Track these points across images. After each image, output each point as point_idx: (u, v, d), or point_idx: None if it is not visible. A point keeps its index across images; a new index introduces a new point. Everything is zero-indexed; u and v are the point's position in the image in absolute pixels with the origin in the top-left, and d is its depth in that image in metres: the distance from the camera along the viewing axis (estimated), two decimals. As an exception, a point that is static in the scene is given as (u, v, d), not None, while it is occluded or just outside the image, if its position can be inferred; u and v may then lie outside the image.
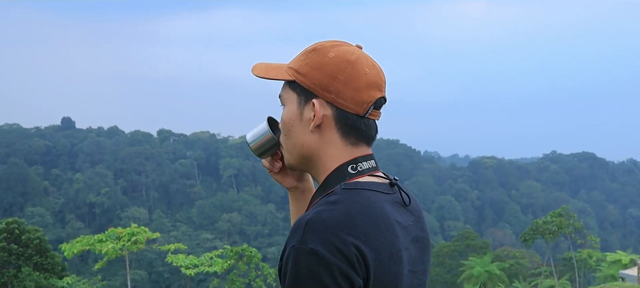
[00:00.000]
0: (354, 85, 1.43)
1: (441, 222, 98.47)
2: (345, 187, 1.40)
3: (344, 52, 1.46)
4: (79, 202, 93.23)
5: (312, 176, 1.57)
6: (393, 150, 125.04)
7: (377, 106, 1.48)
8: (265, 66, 1.56)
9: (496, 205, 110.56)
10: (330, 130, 1.46)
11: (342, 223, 1.30)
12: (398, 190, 1.51)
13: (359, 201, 1.36)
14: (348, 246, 1.27)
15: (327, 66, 1.45)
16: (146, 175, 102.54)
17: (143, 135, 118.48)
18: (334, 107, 1.44)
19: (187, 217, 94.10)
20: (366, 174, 1.46)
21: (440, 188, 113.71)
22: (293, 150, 1.52)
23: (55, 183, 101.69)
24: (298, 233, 1.30)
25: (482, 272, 40.05)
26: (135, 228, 20.00)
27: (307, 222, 1.30)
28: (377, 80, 1.47)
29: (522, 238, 43.64)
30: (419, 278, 1.49)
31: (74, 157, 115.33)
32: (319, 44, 1.50)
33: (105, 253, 19.23)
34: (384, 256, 1.33)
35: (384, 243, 1.34)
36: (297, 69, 1.48)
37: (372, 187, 1.42)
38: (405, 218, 1.48)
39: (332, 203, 1.34)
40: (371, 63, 1.48)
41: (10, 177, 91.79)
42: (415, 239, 1.49)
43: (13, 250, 31.67)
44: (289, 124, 1.50)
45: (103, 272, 37.63)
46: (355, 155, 1.47)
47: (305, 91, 1.46)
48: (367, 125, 1.47)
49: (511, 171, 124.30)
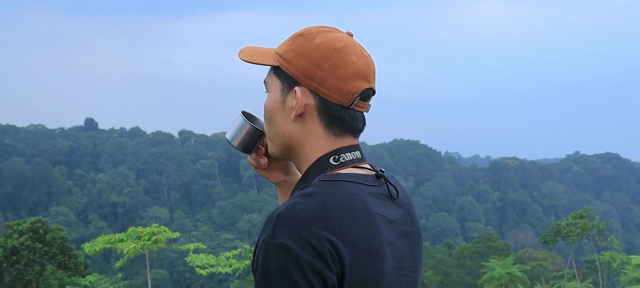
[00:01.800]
0: (339, 74, 1.35)
1: (462, 224, 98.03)
2: (324, 178, 1.32)
3: (331, 38, 1.38)
4: (102, 202, 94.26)
5: (296, 166, 1.49)
6: (413, 151, 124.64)
7: (364, 97, 1.39)
8: (253, 50, 1.50)
9: (518, 206, 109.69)
10: (313, 120, 1.38)
11: (315, 216, 1.23)
12: (385, 182, 1.41)
13: (336, 193, 1.28)
14: (321, 240, 1.20)
15: (311, 53, 1.37)
16: (167, 175, 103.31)
17: (164, 135, 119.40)
18: (317, 96, 1.37)
19: (208, 217, 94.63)
20: (349, 166, 1.38)
21: (461, 190, 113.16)
22: (275, 138, 1.45)
23: (79, 183, 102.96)
24: (269, 227, 1.24)
25: (503, 274, 39.76)
26: (156, 227, 20.19)
27: (279, 216, 1.24)
28: (365, 71, 1.38)
29: (542, 240, 43.25)
30: (407, 275, 1.40)
31: (97, 158, 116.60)
32: (306, 29, 1.42)
33: (126, 252, 19.44)
34: (361, 251, 1.25)
35: (362, 237, 1.26)
36: (282, 54, 1.41)
37: (354, 179, 1.34)
38: (392, 212, 1.39)
39: (308, 196, 1.27)
40: (360, 52, 1.40)
41: (35, 176, 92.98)
42: (403, 234, 1.40)
43: (38, 249, 32.22)
44: (271, 112, 1.43)
45: (124, 270, 38.05)
46: (338, 146, 1.39)
47: (288, 78, 1.39)
48: (353, 116, 1.39)
49: (533, 172, 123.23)
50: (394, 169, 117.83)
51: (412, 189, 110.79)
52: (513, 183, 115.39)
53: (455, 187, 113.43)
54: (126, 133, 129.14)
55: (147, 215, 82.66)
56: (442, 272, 52.53)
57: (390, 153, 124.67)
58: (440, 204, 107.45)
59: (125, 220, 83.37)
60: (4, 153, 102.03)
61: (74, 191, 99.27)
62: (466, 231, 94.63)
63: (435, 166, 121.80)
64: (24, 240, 31.94)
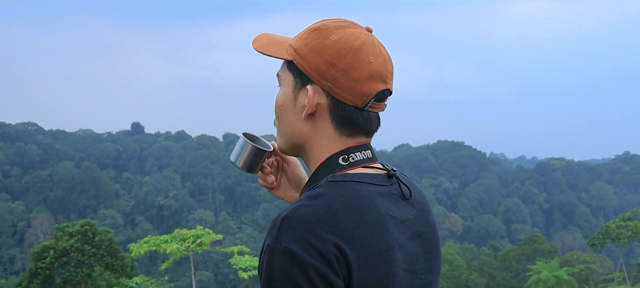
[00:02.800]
0: (354, 74, 1.28)
1: (508, 225, 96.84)
2: (332, 179, 1.27)
3: (348, 36, 1.31)
4: (148, 205, 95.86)
5: (305, 164, 1.44)
6: (458, 152, 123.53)
7: (379, 98, 1.32)
8: (268, 39, 1.43)
9: (565, 208, 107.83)
10: (324, 121, 1.33)
11: (321, 219, 1.18)
12: (397, 181, 1.36)
13: (344, 194, 1.24)
14: (326, 244, 1.16)
15: (326, 50, 1.30)
16: (212, 178, 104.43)
17: (209, 139, 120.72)
18: (330, 96, 1.30)
19: (252, 219, 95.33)
20: (359, 166, 1.33)
21: (507, 191, 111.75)
22: (284, 134, 1.40)
23: (126, 186, 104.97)
24: (273, 231, 1.19)
25: (550, 277, 39.10)
26: (200, 230, 20.44)
27: (283, 219, 1.19)
28: (382, 71, 1.31)
29: (590, 243, 42.45)
30: (421, 277, 1.34)
31: (143, 161, 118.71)
32: (322, 23, 1.35)
33: (171, 253, 19.74)
34: (370, 254, 1.21)
35: (370, 240, 1.21)
36: (296, 48, 1.34)
37: (364, 179, 1.29)
38: (404, 212, 1.33)
39: (314, 198, 1.23)
40: (377, 50, 1.32)
41: (84, 180, 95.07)
42: (415, 234, 1.34)
43: (86, 251, 32.94)
44: (282, 107, 1.38)
45: (170, 272, 38.59)
46: (348, 145, 1.34)
47: (301, 74, 1.33)
48: (366, 118, 1.33)
49: (581, 173, 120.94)
50: (438, 171, 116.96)
51: (457, 191, 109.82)
52: (560, 184, 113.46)
53: (500, 188, 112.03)
54: (172, 136, 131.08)
55: (192, 217, 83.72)
56: (487, 275, 51.94)
57: (434, 154, 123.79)
58: (485, 206, 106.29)
59: (171, 223, 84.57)
60: (55, 158, 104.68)
61: (121, 194, 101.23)
62: (512, 233, 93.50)
63: (480, 167, 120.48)
64: (73, 242, 32.68)
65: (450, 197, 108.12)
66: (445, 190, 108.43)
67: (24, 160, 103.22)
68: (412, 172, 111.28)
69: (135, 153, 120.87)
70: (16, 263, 73.86)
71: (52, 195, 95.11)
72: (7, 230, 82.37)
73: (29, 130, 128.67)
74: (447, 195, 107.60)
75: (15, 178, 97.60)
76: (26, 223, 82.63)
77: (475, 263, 54.11)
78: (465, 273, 50.63)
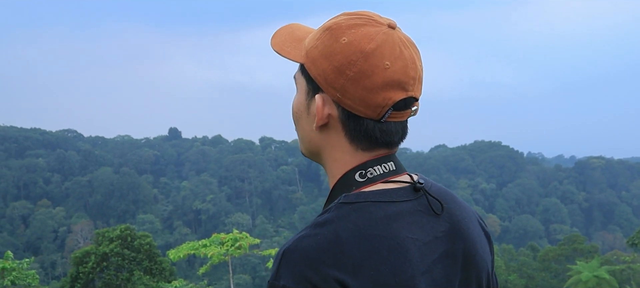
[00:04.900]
0: (365, 83, 1.11)
1: (546, 225, 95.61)
2: (345, 200, 1.13)
3: (361, 37, 1.13)
4: (186, 209, 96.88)
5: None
6: (495, 152, 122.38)
7: (399, 107, 1.15)
8: (287, 34, 1.28)
9: (605, 207, 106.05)
10: (337, 133, 1.18)
11: (325, 251, 1.05)
12: (424, 194, 1.18)
13: (354, 220, 1.09)
14: (327, 281, 1.03)
15: (335, 55, 1.13)
16: (249, 182, 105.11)
17: (245, 143, 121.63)
18: (341, 107, 1.15)
19: (289, 223, 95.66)
20: (379, 181, 1.17)
21: (545, 191, 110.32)
22: (302, 142, 1.28)
23: (164, 191, 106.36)
24: (274, 266, 1.09)
25: (591, 277, 38.57)
26: (237, 234, 20.66)
27: (284, 253, 1.08)
28: (401, 77, 1.13)
29: (630, 242, 41.68)
30: None
31: (180, 166, 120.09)
32: (335, 22, 1.18)
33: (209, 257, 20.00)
34: (385, 286, 1.06)
35: (384, 272, 1.07)
36: (308, 50, 1.19)
37: (381, 198, 1.13)
38: (428, 232, 1.15)
39: (320, 226, 1.09)
40: (397, 52, 1.13)
41: (123, 185, 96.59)
42: (444, 254, 1.16)
43: (126, 255, 33.51)
44: (296, 114, 1.25)
45: (208, 276, 39.02)
46: (365, 159, 1.18)
47: (312, 81, 1.18)
48: (384, 131, 1.16)
49: (621, 171, 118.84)
50: (475, 171, 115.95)
51: (494, 191, 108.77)
52: (599, 183, 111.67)
53: (538, 188, 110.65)
54: (208, 141, 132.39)
55: (229, 221, 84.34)
56: (526, 276, 51.35)
57: (471, 155, 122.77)
58: (523, 206, 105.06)
59: (209, 227, 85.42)
60: (94, 164, 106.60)
61: (159, 199, 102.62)
62: (551, 233, 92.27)
63: (518, 167, 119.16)
64: (113, 247, 33.29)
65: (488, 197, 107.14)
66: (482, 190, 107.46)
67: (64, 166, 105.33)
68: (448, 173, 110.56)
69: (173, 158, 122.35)
70: (57, 268, 75.34)
71: (92, 201, 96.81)
72: (49, 235, 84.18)
73: (69, 137, 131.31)
74: (484, 195, 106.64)
75: (55, 185, 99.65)
76: (67, 229, 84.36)
77: (514, 265, 53.51)
78: (504, 274, 50.12)
